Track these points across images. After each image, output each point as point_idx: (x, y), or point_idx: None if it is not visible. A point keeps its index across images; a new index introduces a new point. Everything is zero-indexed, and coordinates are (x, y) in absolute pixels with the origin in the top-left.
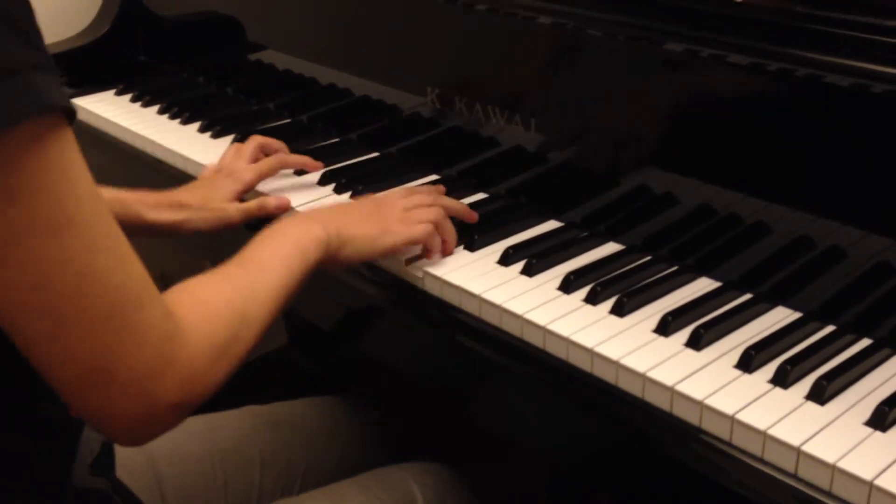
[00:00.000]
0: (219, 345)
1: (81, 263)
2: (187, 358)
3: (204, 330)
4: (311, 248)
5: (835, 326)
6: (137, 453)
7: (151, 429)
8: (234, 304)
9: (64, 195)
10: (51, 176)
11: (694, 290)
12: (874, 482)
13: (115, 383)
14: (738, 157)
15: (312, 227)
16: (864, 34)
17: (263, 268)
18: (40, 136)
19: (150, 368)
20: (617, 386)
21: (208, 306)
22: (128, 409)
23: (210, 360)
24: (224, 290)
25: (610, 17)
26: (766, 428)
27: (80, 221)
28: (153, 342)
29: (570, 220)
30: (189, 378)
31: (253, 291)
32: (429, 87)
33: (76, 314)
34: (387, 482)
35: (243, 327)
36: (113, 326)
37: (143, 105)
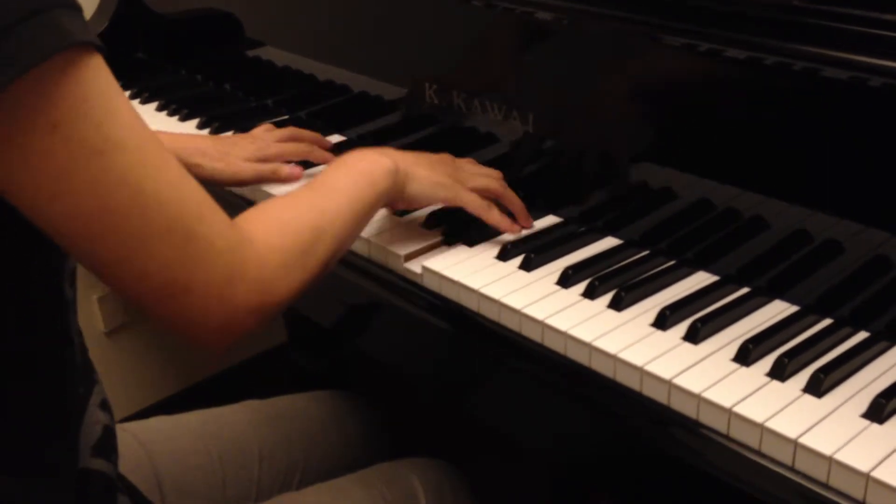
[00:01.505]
0: (290, 252)
1: (135, 183)
2: (259, 264)
3: (274, 239)
4: (380, 178)
5: (832, 320)
6: (137, 448)
7: (234, 332)
8: (305, 219)
9: (105, 120)
10: (89, 103)
11: (691, 284)
12: (871, 474)
13: (191, 293)
14: (735, 151)
15: (382, 159)
16: (862, 28)
17: (335, 191)
18: (73, 68)
19: (223, 275)
20: (615, 380)
21: (279, 220)
22: (208, 316)
23: (283, 267)
24: (292, 207)
25: (608, 12)
26: (763, 420)
27: (127, 143)
28: (221, 251)
29: (568, 215)
30: (263, 283)
31: (324, 211)
32: (427, 82)
33: (139, 232)
34: (388, 477)
35: (316, 241)
36: (177, 240)
37: (142, 102)
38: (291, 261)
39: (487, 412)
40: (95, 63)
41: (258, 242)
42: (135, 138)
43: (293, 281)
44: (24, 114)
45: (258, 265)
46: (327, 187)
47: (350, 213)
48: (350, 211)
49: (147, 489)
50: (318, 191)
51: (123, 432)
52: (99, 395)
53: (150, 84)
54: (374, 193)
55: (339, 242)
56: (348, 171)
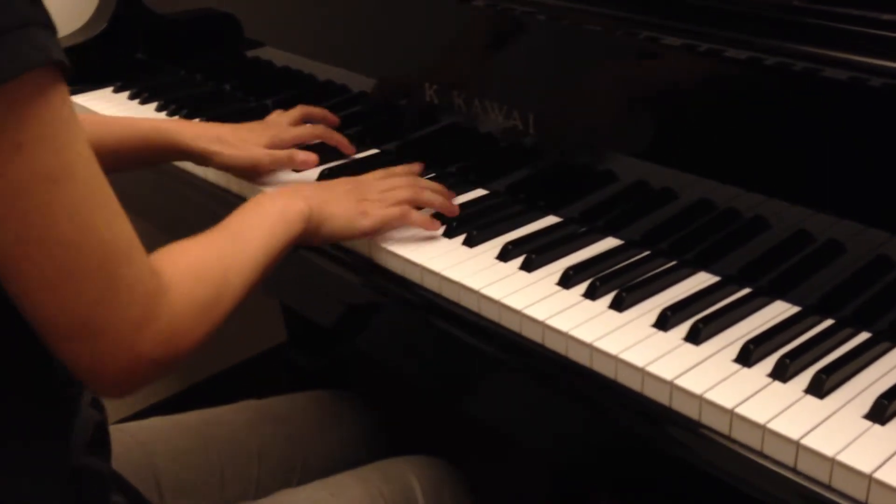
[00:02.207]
0: (201, 304)
1: (80, 216)
2: (171, 314)
3: (188, 289)
4: (293, 221)
5: (833, 320)
6: (135, 448)
7: (134, 381)
8: (218, 268)
9: (65, 147)
10: (53, 127)
11: (693, 285)
12: (873, 475)
13: (103, 336)
14: (736, 151)
15: (295, 201)
16: (862, 28)
17: (246, 236)
18: (44, 88)
19: (136, 323)
20: (616, 381)
21: (193, 267)
22: (113, 362)
23: (193, 318)
24: (208, 254)
25: (608, 13)
26: (765, 422)
27: (79, 174)
28: (139, 297)
29: (568, 216)
30: (172, 334)
31: (235, 257)
32: (427, 83)
33: (71, 266)
34: (386, 474)
35: (225, 290)
36: (104, 280)
37: (141, 102)
38: (200, 310)
39: (487, 412)
40: (62, 89)
41: (173, 291)
42: (86, 170)
43: (200, 331)
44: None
45: (170, 315)
46: (241, 233)
47: (263, 259)
48: (263, 257)
49: (146, 489)
50: (232, 235)
51: (122, 433)
52: (89, 394)
53: (149, 84)
54: (286, 238)
55: (245, 291)
56: (265, 217)
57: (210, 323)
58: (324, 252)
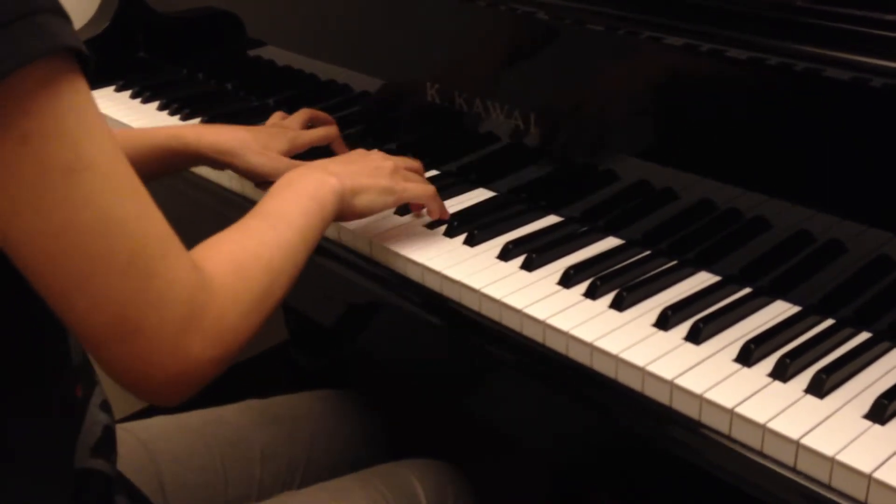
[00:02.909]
0: (250, 300)
1: (101, 206)
2: (218, 313)
3: (234, 286)
4: (327, 200)
5: (834, 320)
6: (138, 448)
7: (185, 385)
8: (262, 259)
9: (80, 138)
10: (65, 119)
11: (693, 285)
12: (873, 475)
13: (143, 336)
14: (737, 151)
15: (327, 179)
16: (864, 28)
17: (285, 221)
18: (52, 79)
19: (180, 322)
20: (616, 380)
21: (236, 262)
22: (159, 365)
23: (242, 315)
24: (249, 245)
25: (609, 12)
26: (765, 421)
27: (99, 165)
28: (180, 294)
29: (569, 215)
30: (221, 333)
31: (277, 244)
32: (428, 82)
33: (98, 260)
34: (388, 478)
35: (272, 280)
36: (136, 274)
37: (143, 101)
38: (250, 306)
39: (487, 412)
40: (76, 79)
41: (218, 290)
42: (107, 161)
43: (250, 326)
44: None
45: (217, 315)
46: (278, 216)
47: (302, 243)
48: (302, 241)
49: (149, 489)
50: (269, 222)
51: (125, 432)
52: (100, 396)
53: (151, 83)
54: (323, 218)
55: (292, 277)
56: (297, 197)
57: (260, 315)
58: (325, 251)
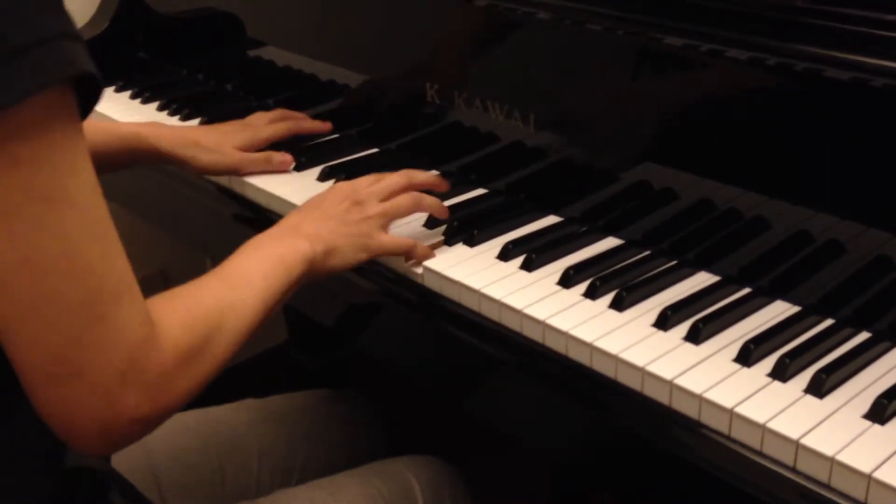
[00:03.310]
0: (191, 355)
1: (69, 243)
2: (159, 367)
3: (178, 338)
4: (295, 265)
5: (833, 320)
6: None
7: (113, 438)
8: (211, 315)
9: (67, 173)
10: (59, 150)
11: (693, 285)
12: (873, 475)
13: (82, 380)
14: (737, 151)
15: (298, 243)
16: (864, 28)
17: (245, 282)
18: (55, 109)
19: (120, 371)
20: (616, 380)
21: (185, 314)
22: (90, 413)
23: (181, 369)
24: (203, 301)
25: (609, 12)
26: (764, 421)
27: (78, 202)
28: (127, 342)
29: (569, 215)
30: (159, 388)
31: (232, 305)
32: (428, 82)
33: (52, 295)
34: (385, 474)
35: (218, 340)
36: (88, 316)
37: (143, 102)
38: (188, 360)
39: (487, 411)
40: (73, 112)
41: (165, 345)
42: (87, 199)
43: (190, 385)
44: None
45: (158, 367)
46: (241, 279)
47: (261, 306)
48: (261, 304)
49: (145, 488)
50: (231, 281)
51: None
52: None
53: (151, 83)
54: (287, 282)
55: (242, 339)
56: (264, 260)
57: (198, 373)
58: None
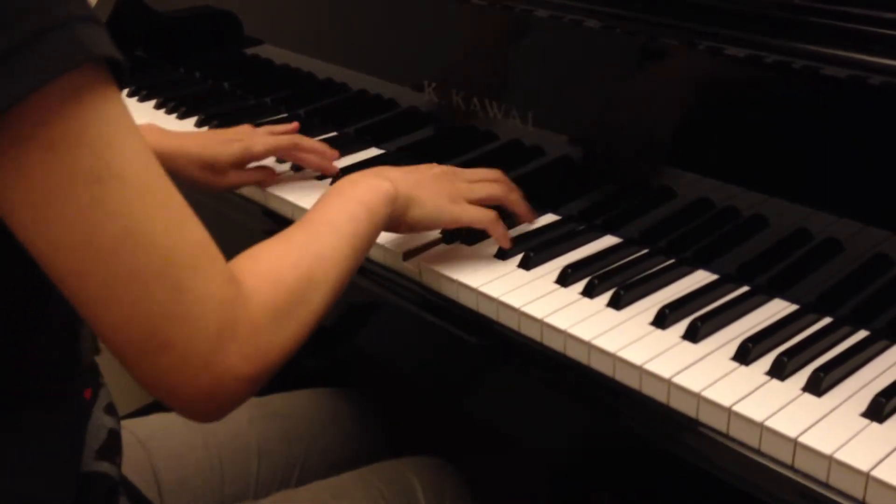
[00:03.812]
0: (283, 309)
1: (128, 218)
2: (251, 325)
3: (267, 294)
4: (378, 205)
5: (831, 318)
6: (135, 445)
7: (220, 401)
8: (300, 268)
9: (109, 148)
10: (93, 127)
11: (691, 283)
12: (871, 473)
13: (173, 351)
14: (735, 150)
15: (381, 184)
16: (862, 26)
17: (330, 229)
18: (82, 88)
19: (212, 337)
20: (614, 378)
21: (272, 271)
22: (191, 381)
23: (275, 325)
24: (289, 254)
25: (607, 10)
26: (762, 420)
27: (127, 175)
28: (213, 308)
29: (567, 214)
30: (255, 346)
31: (319, 254)
32: (426, 81)
33: (125, 274)
34: (386, 475)
35: (310, 290)
36: (165, 289)
37: (141, 100)
38: (283, 316)
39: (486, 410)
40: (107, 87)
41: (254, 300)
42: (136, 171)
43: (287, 339)
44: (22, 129)
45: (251, 328)
46: (324, 224)
47: (349, 251)
48: (349, 248)
49: (145, 486)
50: (314, 229)
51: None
52: (105, 399)
53: (148, 82)
54: (373, 225)
55: (337, 287)
56: (346, 202)
57: (297, 326)
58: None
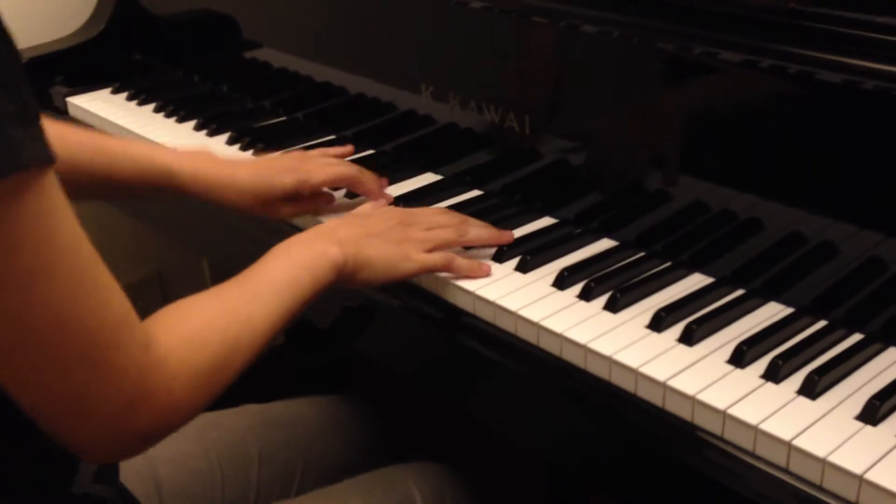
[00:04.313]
0: (203, 373)
1: (59, 309)
2: (166, 389)
3: (187, 358)
4: (323, 272)
5: (826, 321)
6: None
7: (121, 453)
8: (227, 332)
9: (42, 246)
10: (27, 226)
11: (687, 286)
12: (864, 476)
13: (90, 417)
14: (730, 153)
15: (329, 248)
16: (856, 31)
17: (268, 290)
18: (16, 190)
19: (126, 402)
20: (610, 381)
21: (197, 333)
22: (100, 438)
23: (192, 389)
24: (218, 315)
25: (603, 15)
26: (757, 423)
27: (60, 270)
28: (129, 377)
29: (564, 217)
30: (166, 408)
31: (250, 318)
32: (423, 84)
33: (52, 355)
34: (386, 483)
35: (234, 355)
36: (89, 366)
37: (139, 103)
38: (202, 381)
39: (484, 413)
40: (41, 184)
41: (170, 363)
42: (69, 263)
43: (199, 400)
44: None
45: (165, 392)
46: (263, 287)
47: (280, 315)
48: (284, 312)
49: (145, 494)
50: (251, 290)
51: None
52: None
53: (147, 85)
54: (313, 289)
55: (260, 350)
56: (289, 265)
57: (212, 390)
58: None
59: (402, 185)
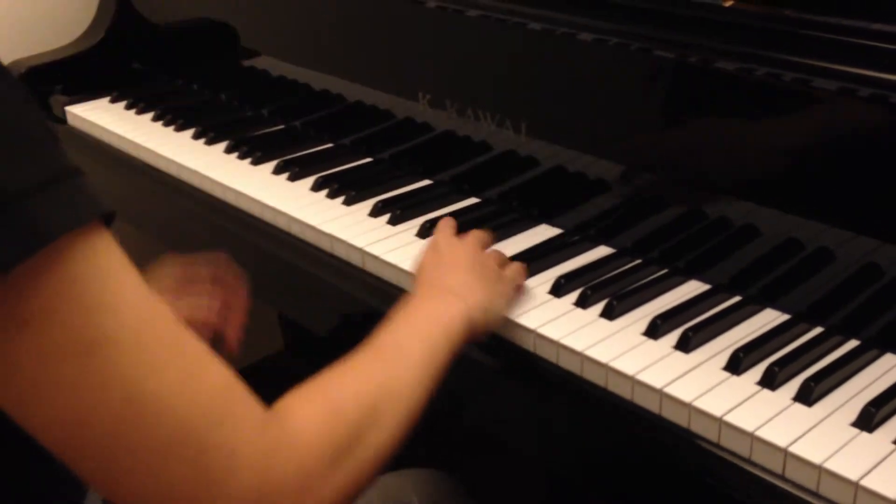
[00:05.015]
0: (337, 452)
1: (127, 385)
2: (301, 473)
3: (315, 435)
4: (455, 327)
5: (822, 328)
6: None
7: None
8: (362, 399)
9: (97, 311)
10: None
11: (683, 293)
12: (860, 482)
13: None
14: (726, 160)
15: (452, 303)
16: (851, 38)
17: (402, 354)
18: (49, 265)
19: (252, 490)
20: (607, 389)
21: (328, 401)
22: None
23: (332, 467)
24: (351, 382)
25: (599, 23)
26: (753, 429)
27: (123, 339)
28: (248, 461)
29: (561, 224)
30: (302, 489)
31: (387, 384)
32: (421, 91)
33: (135, 446)
34: (384, 491)
35: (372, 427)
36: (188, 455)
37: (138, 112)
38: (338, 454)
39: (482, 420)
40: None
41: (298, 438)
42: (134, 331)
43: (339, 481)
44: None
45: (301, 476)
46: (396, 351)
47: (425, 380)
48: (424, 377)
49: None
50: (383, 355)
51: None
52: None
53: (145, 95)
54: (450, 347)
55: (404, 427)
56: (423, 323)
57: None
58: (318, 261)
59: (403, 189)
